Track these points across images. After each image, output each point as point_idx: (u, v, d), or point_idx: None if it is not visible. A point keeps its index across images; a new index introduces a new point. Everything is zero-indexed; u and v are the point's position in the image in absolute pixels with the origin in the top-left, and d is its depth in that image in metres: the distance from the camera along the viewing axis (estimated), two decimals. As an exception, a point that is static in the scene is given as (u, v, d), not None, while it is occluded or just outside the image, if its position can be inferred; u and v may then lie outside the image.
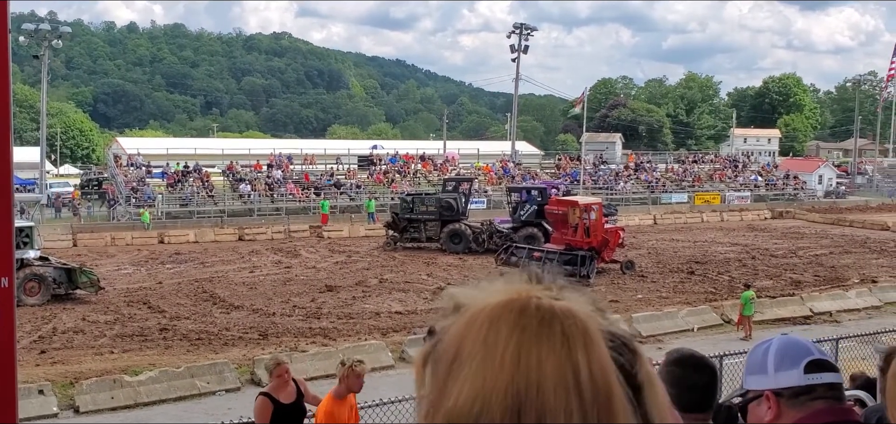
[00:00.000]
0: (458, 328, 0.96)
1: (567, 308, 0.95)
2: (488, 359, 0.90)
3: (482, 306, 0.96)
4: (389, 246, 39.74)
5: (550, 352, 0.90)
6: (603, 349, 0.94)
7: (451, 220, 39.38)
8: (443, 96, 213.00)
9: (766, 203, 63.83)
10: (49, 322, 23.75)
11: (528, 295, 0.96)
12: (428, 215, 39.73)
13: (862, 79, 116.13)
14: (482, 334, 0.93)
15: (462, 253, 37.76)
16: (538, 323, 0.92)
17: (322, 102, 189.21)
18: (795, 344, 2.25)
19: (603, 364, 0.92)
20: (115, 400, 17.22)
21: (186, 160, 56.17)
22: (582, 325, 0.93)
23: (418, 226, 39.77)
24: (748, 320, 23.14)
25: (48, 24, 55.11)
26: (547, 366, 0.89)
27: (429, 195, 42.49)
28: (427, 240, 39.49)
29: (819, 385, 2.16)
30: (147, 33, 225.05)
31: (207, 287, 29.45)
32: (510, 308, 0.94)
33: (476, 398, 0.89)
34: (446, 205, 39.90)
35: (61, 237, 40.70)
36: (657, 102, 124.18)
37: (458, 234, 38.70)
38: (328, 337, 22.40)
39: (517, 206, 39.27)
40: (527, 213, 38.29)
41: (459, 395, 0.90)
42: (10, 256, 2.64)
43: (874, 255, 39.33)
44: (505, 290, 0.99)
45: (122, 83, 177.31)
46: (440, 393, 0.93)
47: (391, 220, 41.04)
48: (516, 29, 69.37)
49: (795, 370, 2.17)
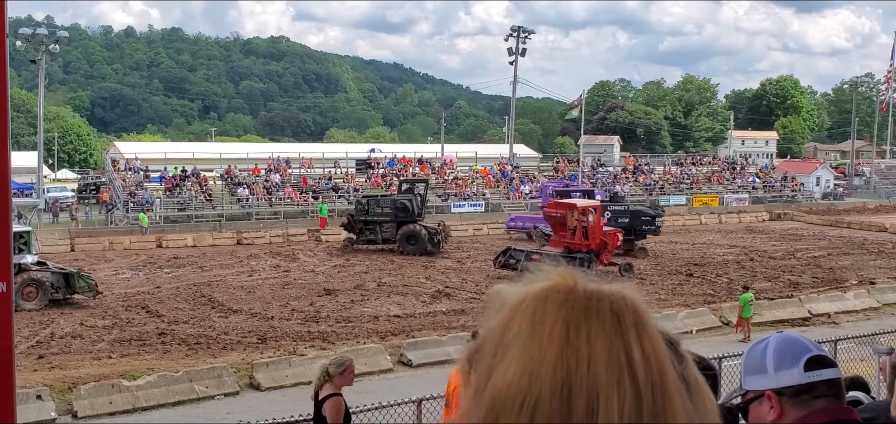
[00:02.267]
0: (503, 316, 0.95)
1: (616, 291, 0.94)
2: (535, 337, 0.89)
3: (524, 293, 0.95)
4: (347, 248, 39.69)
5: (600, 330, 0.88)
6: (656, 333, 0.92)
7: (406, 221, 39.39)
8: (440, 100, 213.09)
9: (764, 205, 63.89)
10: (47, 327, 23.72)
11: (574, 280, 0.95)
12: (383, 217, 39.73)
13: (859, 81, 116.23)
14: (528, 315, 0.91)
15: (417, 254, 37.80)
16: (586, 303, 0.91)
17: (320, 106, 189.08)
18: (794, 342, 2.23)
19: (656, 347, 0.90)
20: (113, 405, 17.19)
21: (184, 164, 56.16)
22: (633, 307, 0.92)
23: (374, 228, 39.75)
24: (747, 322, 23.16)
25: (45, 29, 54.93)
26: (597, 344, 0.87)
27: (384, 197, 42.62)
28: (383, 242, 39.50)
29: (820, 382, 2.15)
30: (144, 37, 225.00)
31: (206, 291, 29.43)
32: (557, 290, 0.93)
33: (524, 374, 0.87)
34: (401, 207, 39.89)
35: (59, 242, 40.68)
36: (655, 104, 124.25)
37: (413, 235, 38.79)
38: (327, 341, 22.38)
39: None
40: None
41: (507, 372, 0.88)
42: (7, 261, 2.63)
43: (872, 256, 39.37)
44: (548, 276, 0.98)
45: (120, 87, 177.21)
46: (487, 376, 0.91)
47: (347, 222, 40.97)
48: (514, 32, 69.41)
49: (796, 368, 2.15)
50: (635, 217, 39.04)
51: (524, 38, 69.76)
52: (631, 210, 40.12)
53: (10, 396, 2.61)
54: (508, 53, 69.77)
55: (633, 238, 37.97)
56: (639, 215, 39.49)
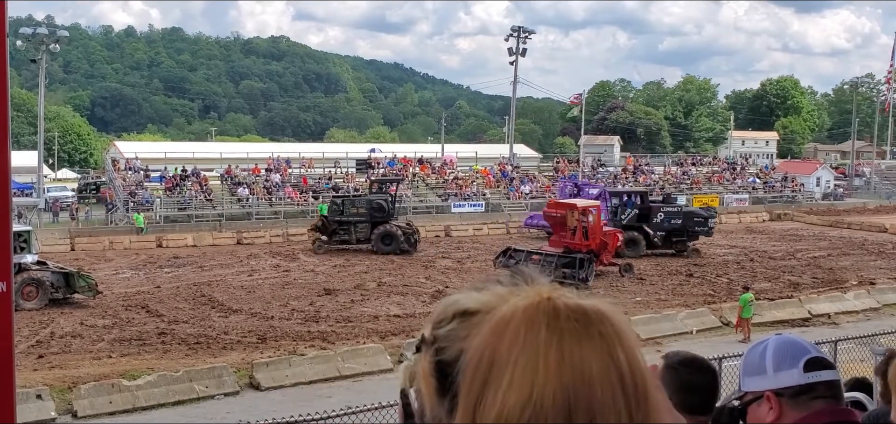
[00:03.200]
0: (486, 336, 0.96)
1: (597, 308, 0.97)
2: (531, 363, 0.91)
3: (508, 312, 0.97)
4: (320, 248, 39.13)
5: (592, 351, 0.92)
6: (635, 340, 0.96)
7: (381, 221, 39.30)
8: (440, 100, 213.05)
9: (764, 206, 63.87)
10: (47, 327, 23.73)
11: (551, 296, 0.97)
12: (358, 217, 39.54)
13: (859, 81, 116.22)
14: (520, 338, 0.93)
15: (392, 254, 37.69)
16: (575, 324, 0.94)
17: (320, 106, 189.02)
18: (793, 343, 2.24)
19: (638, 358, 0.95)
20: (113, 405, 17.21)
21: (184, 164, 56.20)
22: (616, 322, 0.96)
23: (348, 228, 39.50)
24: (747, 322, 23.16)
25: (46, 29, 54.98)
26: (592, 364, 0.91)
27: (359, 197, 42.34)
28: (357, 242, 39.27)
29: (819, 383, 2.15)
30: (145, 37, 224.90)
31: (206, 291, 29.43)
32: (541, 310, 0.95)
33: (527, 401, 0.89)
34: (377, 207, 39.76)
35: (59, 242, 40.65)
36: (655, 104, 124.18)
37: (389, 235, 38.76)
38: (327, 341, 22.40)
39: (618, 210, 39.55)
40: (628, 217, 38.79)
41: (506, 400, 0.90)
42: (7, 260, 2.63)
43: (872, 257, 39.37)
44: (525, 294, 0.99)
45: (120, 87, 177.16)
46: (476, 401, 0.93)
47: (320, 223, 40.47)
48: (514, 32, 69.41)
49: (795, 369, 2.16)
50: (688, 218, 39.71)
51: (524, 39, 69.76)
52: (684, 211, 40.98)
53: (10, 395, 2.61)
54: (509, 53, 69.80)
55: (686, 239, 38.81)
56: (691, 216, 40.30)
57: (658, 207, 40.03)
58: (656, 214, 39.00)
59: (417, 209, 53.71)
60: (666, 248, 38.56)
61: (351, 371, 19.79)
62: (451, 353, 1.05)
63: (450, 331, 1.07)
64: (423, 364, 1.09)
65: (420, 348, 1.12)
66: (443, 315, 1.09)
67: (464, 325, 1.05)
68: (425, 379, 1.07)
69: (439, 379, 1.06)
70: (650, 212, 39.08)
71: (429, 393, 1.07)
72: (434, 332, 1.09)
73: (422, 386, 1.08)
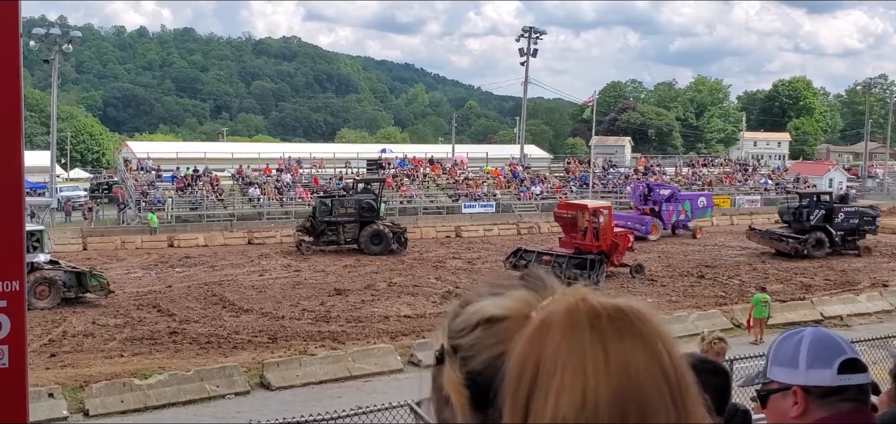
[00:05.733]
0: (528, 342, 0.96)
1: (633, 306, 0.97)
2: (580, 366, 0.91)
3: (547, 316, 0.96)
4: (308, 250, 38.66)
5: (635, 350, 0.92)
6: (673, 341, 0.97)
7: (370, 221, 39.03)
8: (451, 100, 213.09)
9: (776, 207, 63.48)
10: (59, 326, 23.83)
11: (587, 297, 0.97)
12: (347, 218, 39.15)
13: (872, 82, 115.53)
14: (565, 342, 0.93)
15: (382, 254, 37.49)
16: (616, 324, 0.94)
17: (331, 106, 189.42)
18: (829, 341, 2.16)
19: (677, 354, 0.96)
20: (124, 404, 17.27)
21: (196, 164, 56.33)
22: (653, 320, 0.97)
23: (336, 229, 39.06)
24: (761, 322, 23.08)
25: (58, 29, 55.27)
26: (639, 363, 0.91)
27: (347, 197, 41.64)
28: (345, 243, 38.80)
29: (850, 386, 2.09)
30: (157, 37, 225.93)
31: (217, 291, 29.51)
32: (582, 312, 0.95)
33: (581, 405, 0.89)
34: (367, 206, 39.44)
35: (71, 241, 40.84)
36: (666, 105, 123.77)
37: (378, 235, 38.53)
38: (337, 341, 22.41)
39: (805, 211, 39.87)
40: (816, 217, 39.18)
41: (560, 404, 0.90)
42: (20, 260, 2.64)
43: (885, 259, 39.13)
44: (559, 297, 0.99)
45: (132, 87, 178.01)
46: (524, 411, 0.93)
47: (309, 224, 39.95)
48: (525, 33, 69.30)
49: (828, 369, 2.09)
50: (861, 218, 40.46)
51: (535, 39, 69.65)
52: (859, 211, 41.75)
53: (23, 394, 2.62)
54: (519, 54, 69.66)
55: (857, 238, 39.77)
56: (863, 215, 40.93)
57: (840, 207, 40.75)
58: (837, 214, 39.69)
59: (428, 210, 53.72)
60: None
61: (361, 372, 19.79)
62: (478, 362, 1.04)
63: (475, 340, 1.05)
64: (450, 376, 1.07)
65: (441, 359, 1.10)
66: (465, 324, 1.07)
67: (489, 333, 1.04)
68: (456, 391, 1.05)
69: (471, 390, 1.04)
70: (833, 212, 39.62)
71: (461, 405, 1.05)
72: (455, 341, 1.08)
73: (453, 398, 1.07)
